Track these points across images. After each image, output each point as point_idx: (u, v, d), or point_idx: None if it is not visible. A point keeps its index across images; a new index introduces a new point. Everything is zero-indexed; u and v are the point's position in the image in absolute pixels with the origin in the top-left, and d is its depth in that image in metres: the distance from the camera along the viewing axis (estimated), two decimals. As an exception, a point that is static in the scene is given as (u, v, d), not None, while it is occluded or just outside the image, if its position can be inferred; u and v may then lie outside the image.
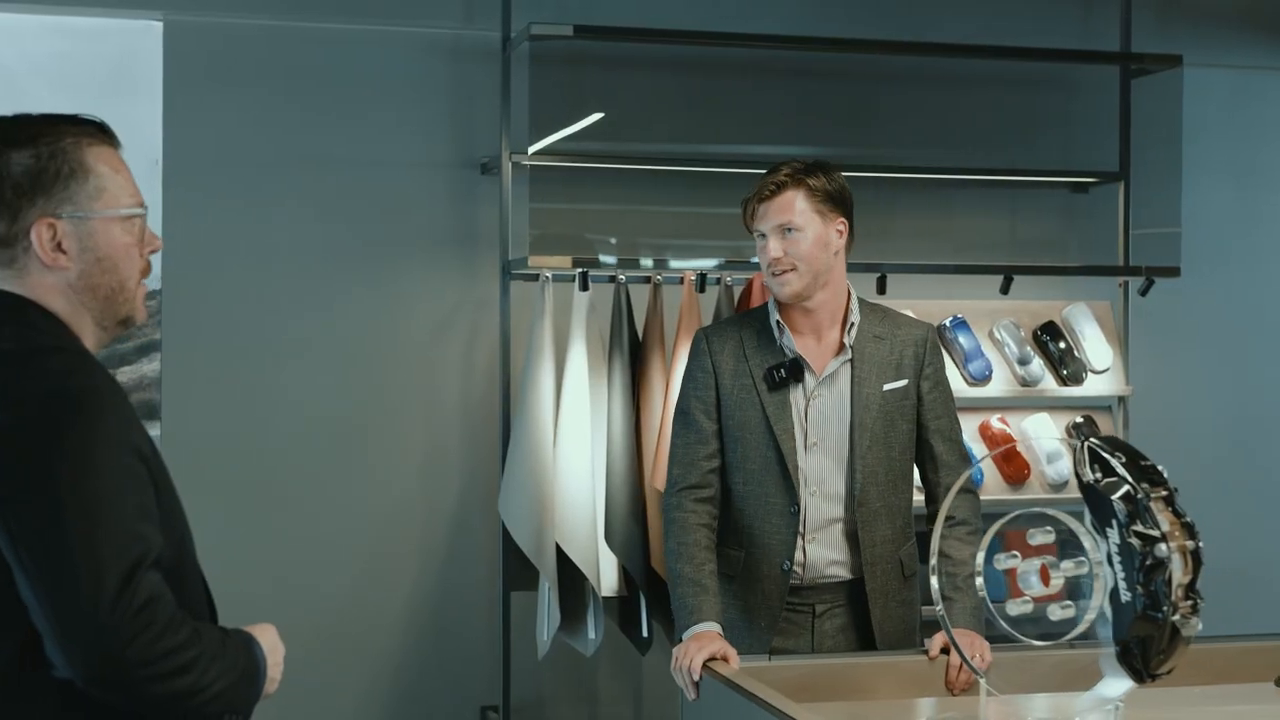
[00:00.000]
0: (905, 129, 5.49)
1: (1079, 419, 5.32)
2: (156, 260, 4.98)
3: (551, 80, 5.00)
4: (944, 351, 5.12)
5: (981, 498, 4.95)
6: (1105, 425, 5.35)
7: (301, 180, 5.01)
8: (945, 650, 3.23)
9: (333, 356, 5.04)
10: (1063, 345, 5.25)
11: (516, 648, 4.92)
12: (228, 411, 4.95)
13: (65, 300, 2.16)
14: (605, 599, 4.75)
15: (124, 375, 4.97)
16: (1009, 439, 5.16)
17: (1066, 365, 5.23)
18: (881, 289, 4.93)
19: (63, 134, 2.16)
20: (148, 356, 4.99)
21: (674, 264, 4.89)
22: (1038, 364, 5.21)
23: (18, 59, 4.84)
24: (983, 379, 5.15)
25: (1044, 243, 5.62)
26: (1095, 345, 5.29)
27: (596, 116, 5.06)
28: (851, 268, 4.90)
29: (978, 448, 5.12)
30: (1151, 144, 5.46)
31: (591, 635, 4.78)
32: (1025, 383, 5.19)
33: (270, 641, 2.25)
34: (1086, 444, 2.41)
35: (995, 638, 3.09)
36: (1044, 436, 5.19)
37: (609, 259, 4.90)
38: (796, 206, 3.39)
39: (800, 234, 3.39)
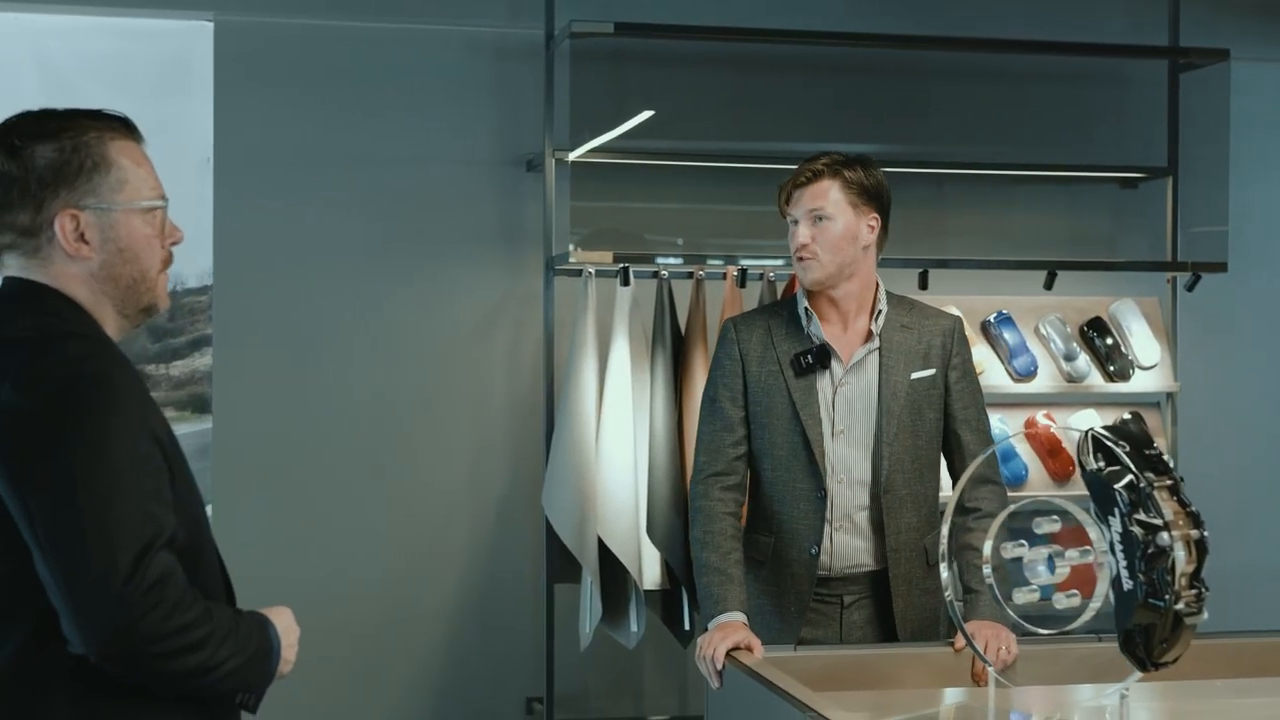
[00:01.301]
0: (952, 124, 5.49)
1: (1126, 415, 5.28)
2: (208, 255, 5.11)
3: (594, 77, 5.05)
4: (988, 346, 5.13)
5: (1026, 494, 4.99)
6: (1153, 421, 5.32)
7: (349, 177, 5.08)
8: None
9: (380, 351, 5.11)
10: (1109, 341, 5.23)
11: (560, 640, 4.97)
12: (278, 405, 5.03)
13: (88, 289, 2.22)
14: (647, 592, 4.79)
15: (176, 369, 5.07)
16: (1054, 436, 5.15)
17: (1113, 361, 5.21)
18: (923, 284, 4.93)
19: (86, 129, 2.22)
20: (200, 350, 5.08)
21: (717, 259, 4.92)
22: (1084, 360, 5.19)
23: (74, 59, 4.95)
24: (1028, 375, 5.13)
25: (1093, 238, 5.60)
26: (1143, 341, 5.26)
27: (646, 115, 5.06)
28: (898, 263, 4.96)
29: (1020, 445, 5.12)
30: (1200, 139, 5.43)
31: (634, 628, 4.82)
32: (1071, 379, 5.17)
33: (285, 623, 2.30)
34: (1090, 433, 2.42)
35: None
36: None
37: (670, 259, 4.91)
38: (830, 195, 3.43)
39: (830, 222, 3.42)
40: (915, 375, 3.48)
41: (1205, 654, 3.18)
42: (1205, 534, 2.34)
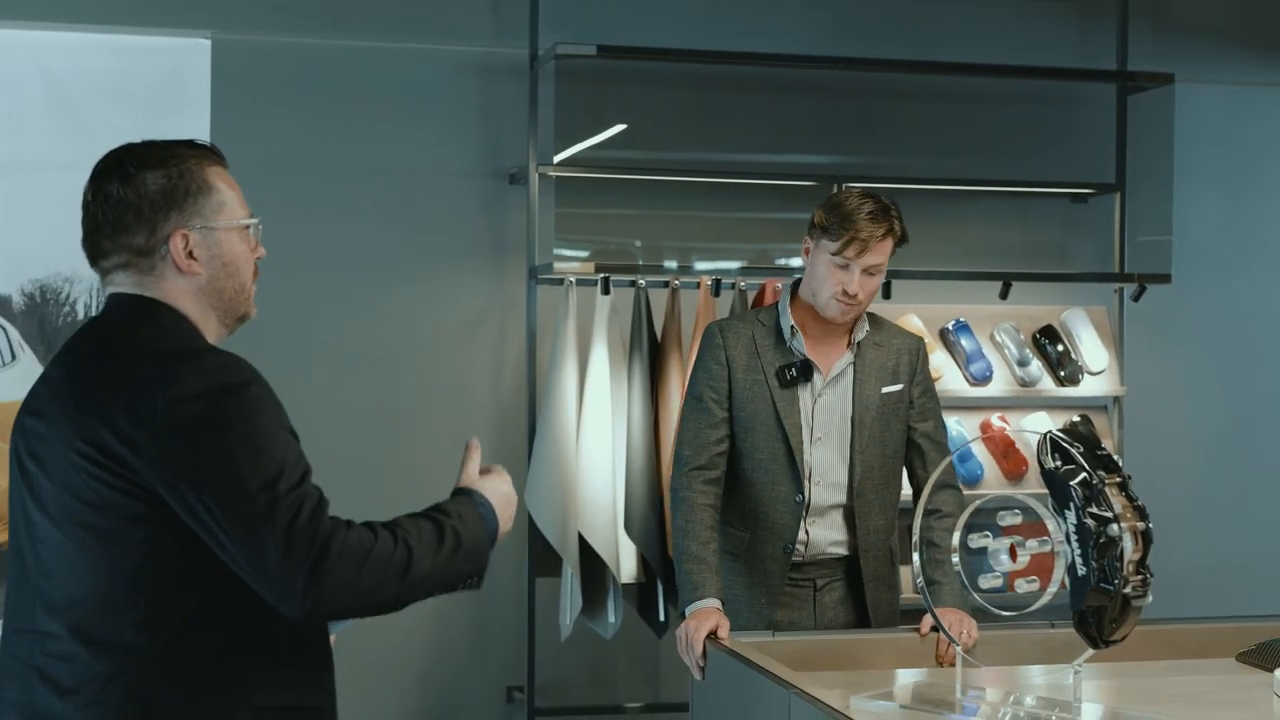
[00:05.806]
0: (912, 142, 5.75)
1: (1076, 418, 5.59)
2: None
3: (576, 96, 5.28)
4: (946, 352, 5.42)
5: (981, 491, 5.28)
6: (1101, 424, 5.61)
7: (340, 190, 5.28)
8: (935, 628, 3.52)
9: (369, 356, 5.31)
10: (1060, 348, 5.51)
11: (541, 631, 5.18)
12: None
13: (195, 302, 2.47)
14: (624, 585, 5.01)
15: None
16: (1008, 437, 5.43)
17: (1064, 367, 5.50)
18: (886, 294, 5.18)
19: (186, 156, 2.46)
20: (195, 355, 5.26)
21: (692, 268, 5.16)
22: (1036, 365, 5.47)
23: (76, 74, 5.09)
24: (984, 379, 5.41)
25: (1045, 250, 5.87)
26: (1091, 348, 5.54)
27: (620, 128, 5.30)
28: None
29: (976, 447, 5.39)
30: (1146, 156, 5.70)
31: (611, 619, 5.05)
32: (1024, 383, 5.45)
33: (495, 489, 2.64)
34: (1049, 435, 2.69)
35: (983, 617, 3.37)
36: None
37: (649, 266, 5.14)
38: (887, 252, 3.70)
39: (880, 275, 3.71)
40: (885, 389, 3.75)
41: (1150, 638, 3.49)
42: (1150, 526, 2.62)
